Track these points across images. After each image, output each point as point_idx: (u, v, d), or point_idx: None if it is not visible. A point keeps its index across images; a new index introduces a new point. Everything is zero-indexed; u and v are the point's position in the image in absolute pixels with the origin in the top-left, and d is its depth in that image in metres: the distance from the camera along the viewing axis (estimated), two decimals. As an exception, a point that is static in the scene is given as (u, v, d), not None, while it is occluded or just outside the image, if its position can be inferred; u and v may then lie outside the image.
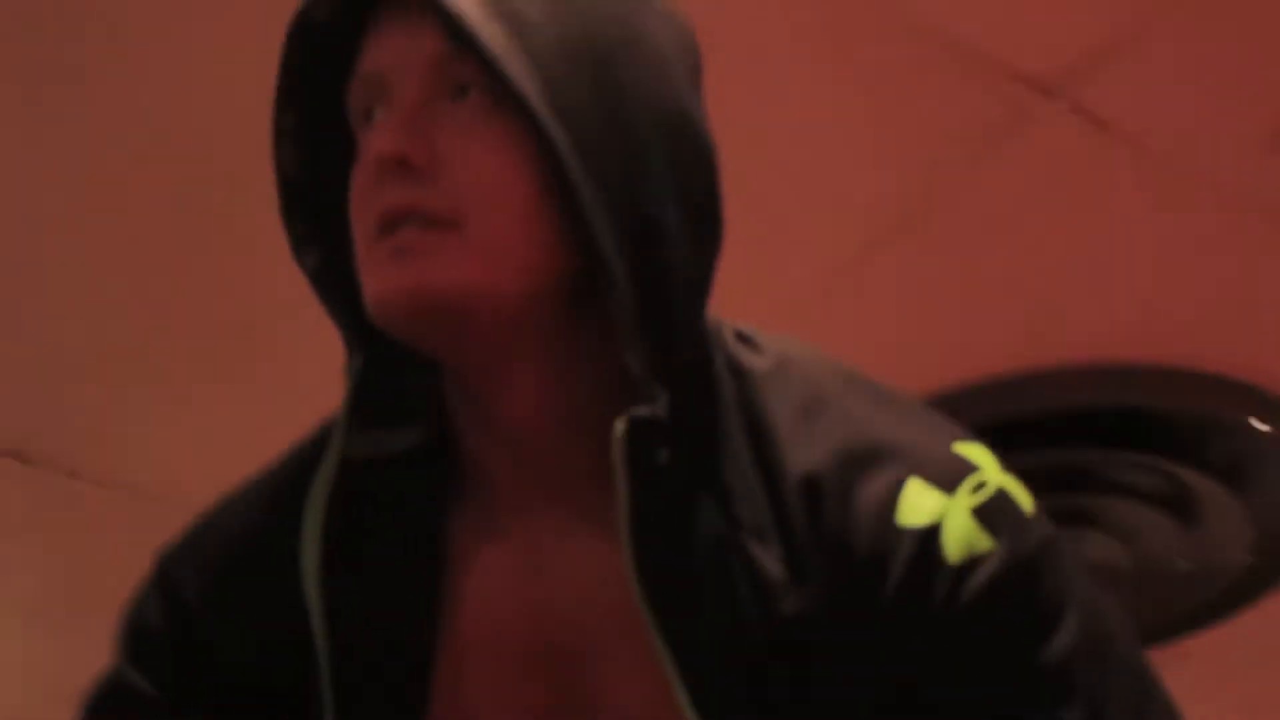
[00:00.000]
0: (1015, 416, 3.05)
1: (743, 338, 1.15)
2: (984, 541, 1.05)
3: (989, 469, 1.08)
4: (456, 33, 1.03)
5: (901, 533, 1.05)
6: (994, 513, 1.06)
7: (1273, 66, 2.44)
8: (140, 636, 1.23)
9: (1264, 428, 3.11)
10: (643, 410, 1.04)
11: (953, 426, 1.12)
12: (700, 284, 1.11)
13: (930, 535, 1.05)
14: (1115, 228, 2.80)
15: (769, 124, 2.56)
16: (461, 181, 1.05)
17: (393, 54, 1.08)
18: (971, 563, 1.04)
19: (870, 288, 2.78)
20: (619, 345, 1.06)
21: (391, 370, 1.15)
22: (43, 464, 3.23)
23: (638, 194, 1.05)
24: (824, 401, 1.10)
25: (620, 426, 1.04)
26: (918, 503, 1.06)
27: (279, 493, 1.20)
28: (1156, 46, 2.46)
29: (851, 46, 2.46)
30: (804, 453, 1.08)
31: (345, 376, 1.14)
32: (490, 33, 1.02)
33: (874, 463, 1.07)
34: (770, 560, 1.07)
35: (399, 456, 1.16)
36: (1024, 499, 1.08)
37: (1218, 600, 3.54)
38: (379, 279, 1.05)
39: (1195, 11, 2.37)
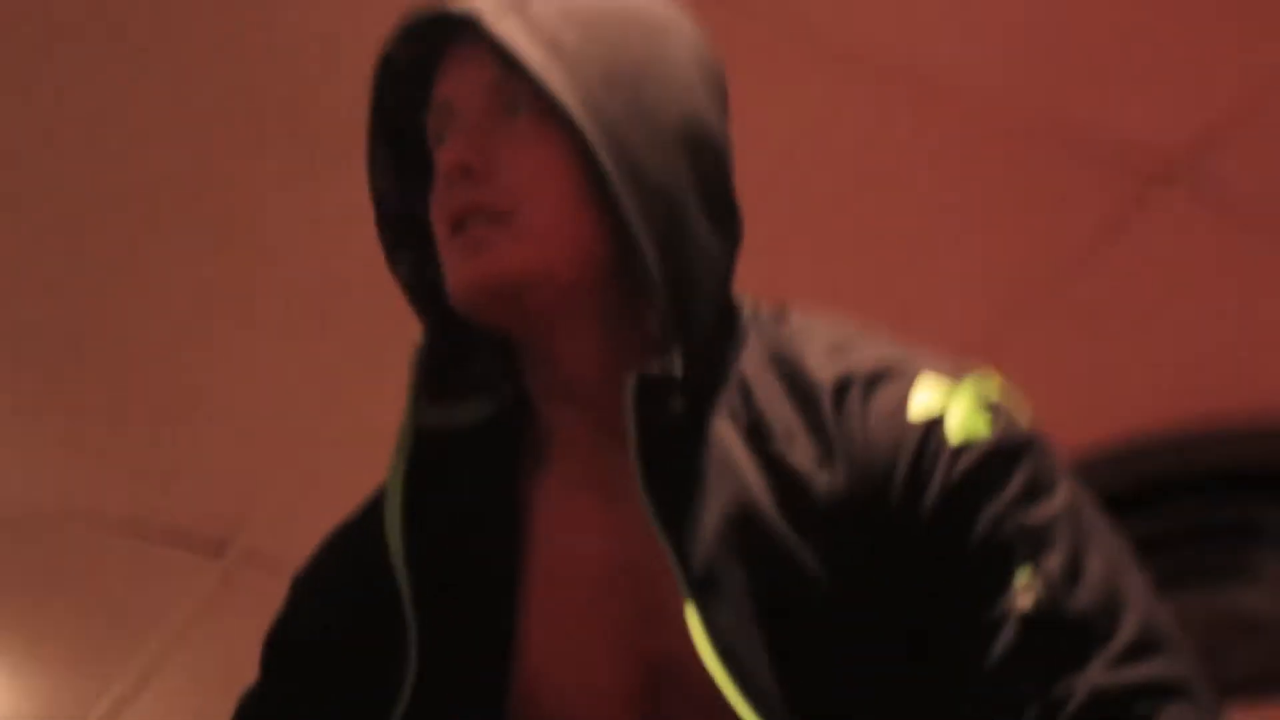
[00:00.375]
0: (1164, 476, 3.13)
1: (776, 310, 1.32)
2: (982, 426, 1.20)
3: (992, 377, 1.24)
4: (507, 60, 1.22)
5: (910, 427, 1.20)
6: (994, 406, 1.21)
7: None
8: (271, 647, 1.37)
9: None
10: (654, 368, 1.21)
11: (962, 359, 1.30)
12: (721, 260, 1.28)
13: (935, 424, 1.20)
14: (1241, 298, 2.88)
15: (908, 219, 2.72)
16: (514, 180, 1.23)
17: (458, 84, 1.27)
18: (969, 444, 1.19)
19: (1009, 358, 2.88)
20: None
21: (465, 354, 1.33)
22: (239, 554, 3.44)
23: (661, 184, 1.22)
24: (847, 342, 1.26)
25: (630, 383, 1.22)
26: (927, 396, 1.21)
27: (374, 494, 1.36)
28: (1267, 124, 2.56)
29: (979, 146, 2.61)
30: (833, 371, 1.24)
31: (413, 360, 1.31)
32: (535, 57, 1.21)
33: (891, 374, 1.23)
34: (800, 456, 1.22)
35: (471, 427, 1.32)
36: (1022, 406, 1.24)
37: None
38: (456, 272, 1.23)
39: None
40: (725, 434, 1.25)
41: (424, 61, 1.31)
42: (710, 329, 1.26)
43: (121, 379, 3.03)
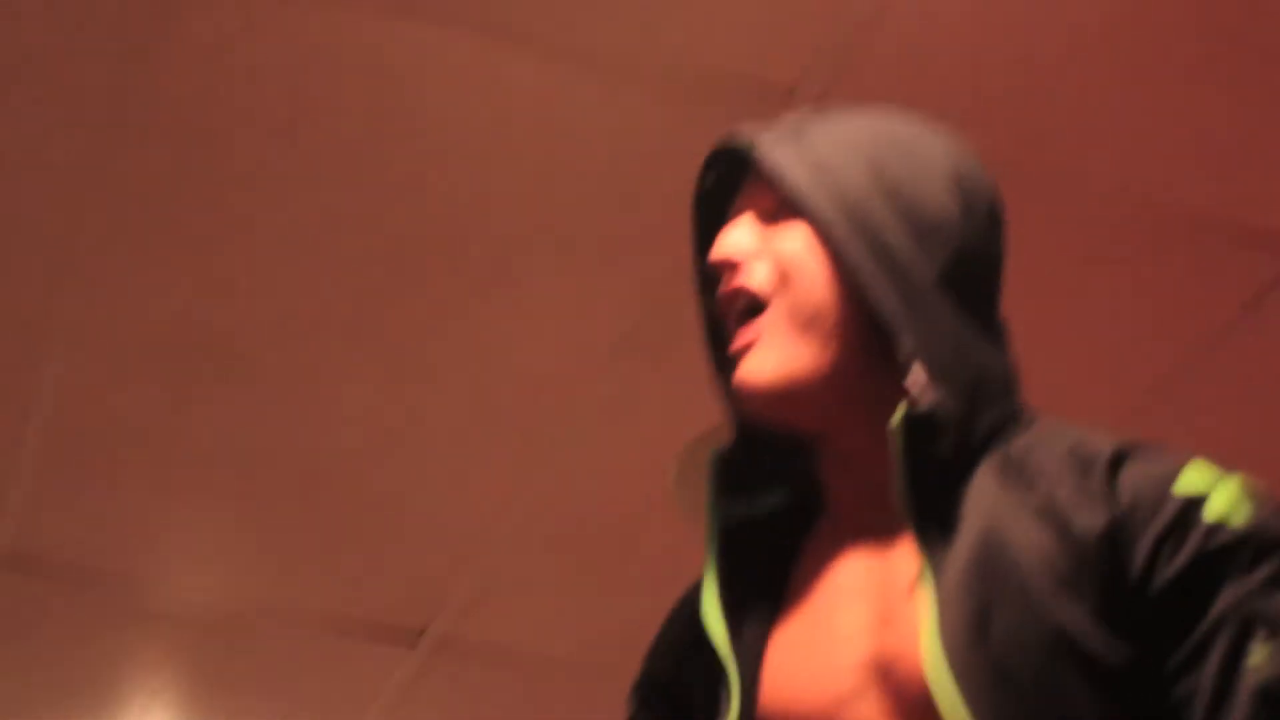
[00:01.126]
0: None
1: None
2: (1243, 513, 1.25)
3: (1256, 481, 1.30)
4: (776, 178, 1.40)
5: (1174, 498, 1.26)
6: (1257, 499, 1.26)
7: None
8: (633, 693, 1.53)
9: None
10: (918, 408, 1.31)
11: None
12: (972, 338, 1.38)
13: (1197, 501, 1.25)
14: None
15: (1067, 308, 2.76)
16: (780, 265, 1.38)
17: (742, 204, 1.44)
18: (1227, 525, 1.24)
19: (1158, 429, 2.85)
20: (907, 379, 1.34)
21: (763, 453, 1.46)
22: (431, 643, 3.58)
23: (909, 269, 1.36)
24: (1132, 438, 1.35)
25: (896, 419, 1.32)
26: (1195, 477, 1.27)
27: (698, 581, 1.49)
28: None
29: (1125, 242, 2.65)
30: (1115, 445, 1.30)
31: (711, 464, 1.44)
32: (799, 176, 1.38)
33: (1168, 454, 1.30)
34: (1063, 497, 1.29)
35: (768, 516, 1.46)
36: None
37: None
38: (737, 378, 1.38)
39: None
40: (989, 479, 1.34)
41: (733, 187, 1.49)
42: (972, 398, 1.36)
43: (316, 494, 3.18)
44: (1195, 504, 1.25)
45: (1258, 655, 1.20)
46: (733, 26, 2.30)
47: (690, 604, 1.50)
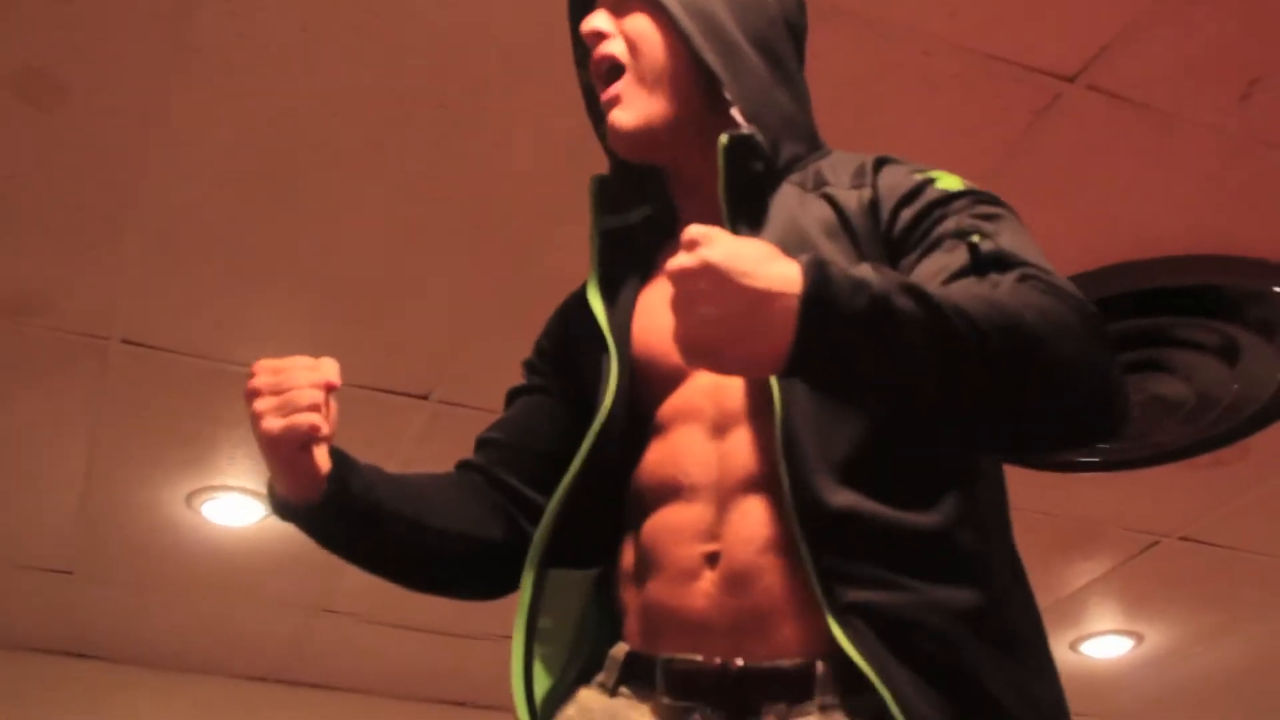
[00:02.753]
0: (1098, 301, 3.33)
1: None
2: (963, 185, 1.52)
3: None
4: None
5: (914, 178, 1.52)
6: (966, 184, 1.54)
7: (1247, 35, 2.89)
8: (526, 362, 1.78)
9: (1280, 290, 3.52)
10: (738, 133, 1.52)
11: None
12: (777, 88, 1.60)
13: (930, 179, 1.53)
14: (1137, 170, 3.27)
15: (870, 136, 2.99)
16: (629, 39, 1.61)
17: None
18: (948, 190, 1.51)
19: None
20: (730, 118, 1.55)
21: (635, 179, 1.67)
22: (439, 399, 3.98)
23: (728, 34, 1.58)
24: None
25: (722, 141, 1.52)
26: (931, 171, 1.53)
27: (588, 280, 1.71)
28: (1149, 36, 2.89)
29: (914, 69, 3.05)
30: (878, 157, 1.56)
31: (591, 188, 1.66)
32: None
33: (909, 160, 1.57)
34: (844, 187, 1.53)
35: (637, 225, 1.68)
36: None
37: (1254, 418, 3.99)
38: (608, 126, 1.59)
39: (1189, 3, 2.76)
40: (791, 190, 1.56)
41: None
42: (777, 130, 1.56)
43: (348, 286, 3.59)
44: (929, 180, 1.55)
45: (974, 238, 1.46)
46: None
47: (573, 299, 1.77)
